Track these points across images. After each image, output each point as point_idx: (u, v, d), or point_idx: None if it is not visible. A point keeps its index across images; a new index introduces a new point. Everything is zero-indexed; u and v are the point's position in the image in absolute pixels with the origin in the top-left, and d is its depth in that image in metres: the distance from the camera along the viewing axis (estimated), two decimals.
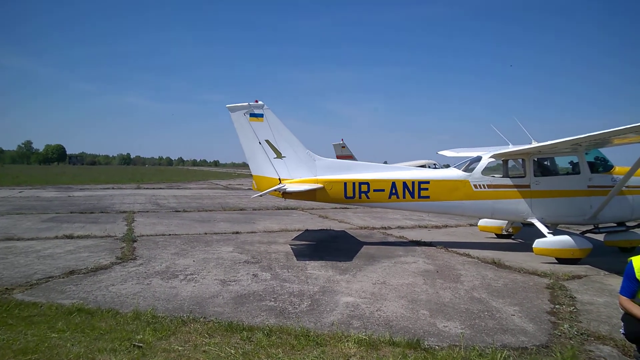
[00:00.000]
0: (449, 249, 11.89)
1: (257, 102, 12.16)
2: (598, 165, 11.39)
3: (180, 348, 5.41)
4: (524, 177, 11.33)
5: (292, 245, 12.32)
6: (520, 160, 11.70)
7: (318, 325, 6.27)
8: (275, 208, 21.82)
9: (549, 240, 10.33)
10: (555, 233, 10.71)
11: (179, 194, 30.44)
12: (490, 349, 5.45)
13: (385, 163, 23.70)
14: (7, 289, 7.71)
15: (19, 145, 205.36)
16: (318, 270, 9.42)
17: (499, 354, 5.27)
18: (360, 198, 11.79)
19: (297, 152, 12.17)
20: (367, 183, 11.73)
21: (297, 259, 10.50)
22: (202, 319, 6.37)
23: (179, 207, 21.77)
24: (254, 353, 5.30)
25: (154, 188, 36.97)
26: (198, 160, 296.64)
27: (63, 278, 8.56)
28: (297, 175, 12.07)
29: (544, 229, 10.73)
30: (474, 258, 10.84)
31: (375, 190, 11.71)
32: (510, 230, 13.72)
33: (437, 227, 16.32)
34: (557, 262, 10.28)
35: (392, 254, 11.15)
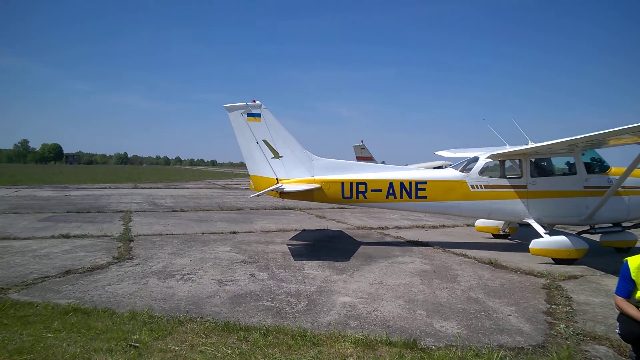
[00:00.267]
0: (446, 249, 11.91)
1: (254, 102, 12.16)
2: (594, 166, 11.43)
3: (177, 348, 5.40)
4: (521, 177, 11.36)
5: (289, 245, 12.31)
6: (517, 161, 11.73)
7: (315, 325, 6.27)
8: (273, 208, 21.81)
9: (546, 241, 10.36)
10: (552, 233, 10.73)
11: (176, 194, 30.40)
12: (487, 349, 5.46)
13: (383, 163, 23.77)
14: (2, 289, 7.68)
15: (16, 144, 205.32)
16: (315, 270, 9.42)
17: (496, 354, 5.29)
18: (358, 198, 11.80)
19: (294, 152, 12.17)
20: (364, 183, 11.74)
21: (294, 259, 10.49)
22: (198, 319, 6.36)
23: (176, 206, 21.75)
24: (251, 353, 5.29)
25: (151, 187, 36.89)
26: (195, 160, 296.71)
27: (59, 278, 8.53)
28: (294, 175, 12.07)
29: (541, 230, 10.75)
30: (471, 258, 10.86)
31: (373, 191, 11.72)
32: (507, 231, 13.77)
33: (434, 227, 16.34)
34: (553, 262, 10.30)
35: (389, 254, 11.17)
